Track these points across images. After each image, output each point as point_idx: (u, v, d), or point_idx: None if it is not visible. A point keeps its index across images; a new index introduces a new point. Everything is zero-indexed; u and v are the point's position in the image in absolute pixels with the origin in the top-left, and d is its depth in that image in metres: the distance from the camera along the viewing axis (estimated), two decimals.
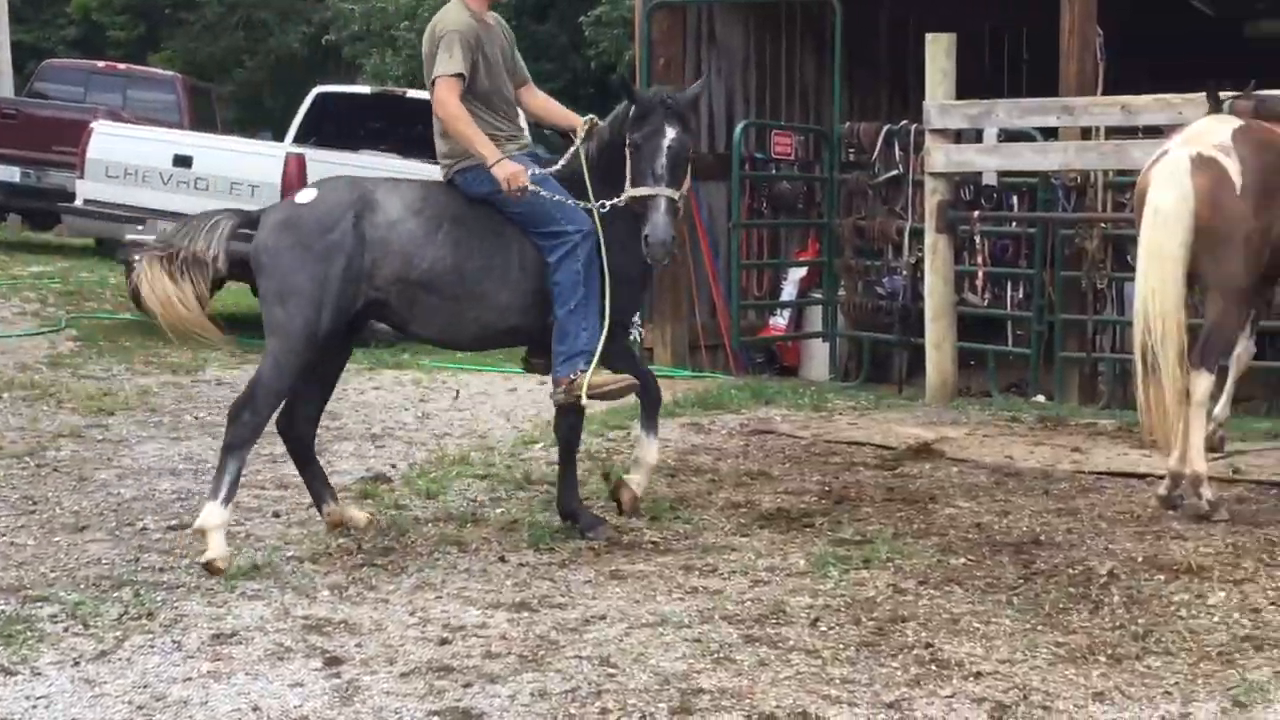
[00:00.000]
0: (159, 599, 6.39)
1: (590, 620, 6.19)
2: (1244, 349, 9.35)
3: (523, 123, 8.37)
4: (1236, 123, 8.46)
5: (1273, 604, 6.35)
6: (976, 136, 13.14)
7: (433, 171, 8.35)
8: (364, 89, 20.68)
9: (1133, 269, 8.77)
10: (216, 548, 6.82)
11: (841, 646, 5.83)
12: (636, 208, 7.42)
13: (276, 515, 7.94)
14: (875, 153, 13.88)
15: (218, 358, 12.91)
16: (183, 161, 15.27)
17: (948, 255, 12.24)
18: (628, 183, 7.47)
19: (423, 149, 17.28)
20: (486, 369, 13.83)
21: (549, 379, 7.77)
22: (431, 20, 8.02)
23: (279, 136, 19.05)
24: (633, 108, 7.56)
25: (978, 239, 12.83)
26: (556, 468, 8.00)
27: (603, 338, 7.48)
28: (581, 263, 7.42)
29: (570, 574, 6.91)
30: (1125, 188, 11.79)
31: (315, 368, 7.42)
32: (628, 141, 7.50)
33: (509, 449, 9.83)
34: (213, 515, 6.88)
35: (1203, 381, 8.10)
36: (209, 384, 12.24)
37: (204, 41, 37.82)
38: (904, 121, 13.97)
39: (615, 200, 7.47)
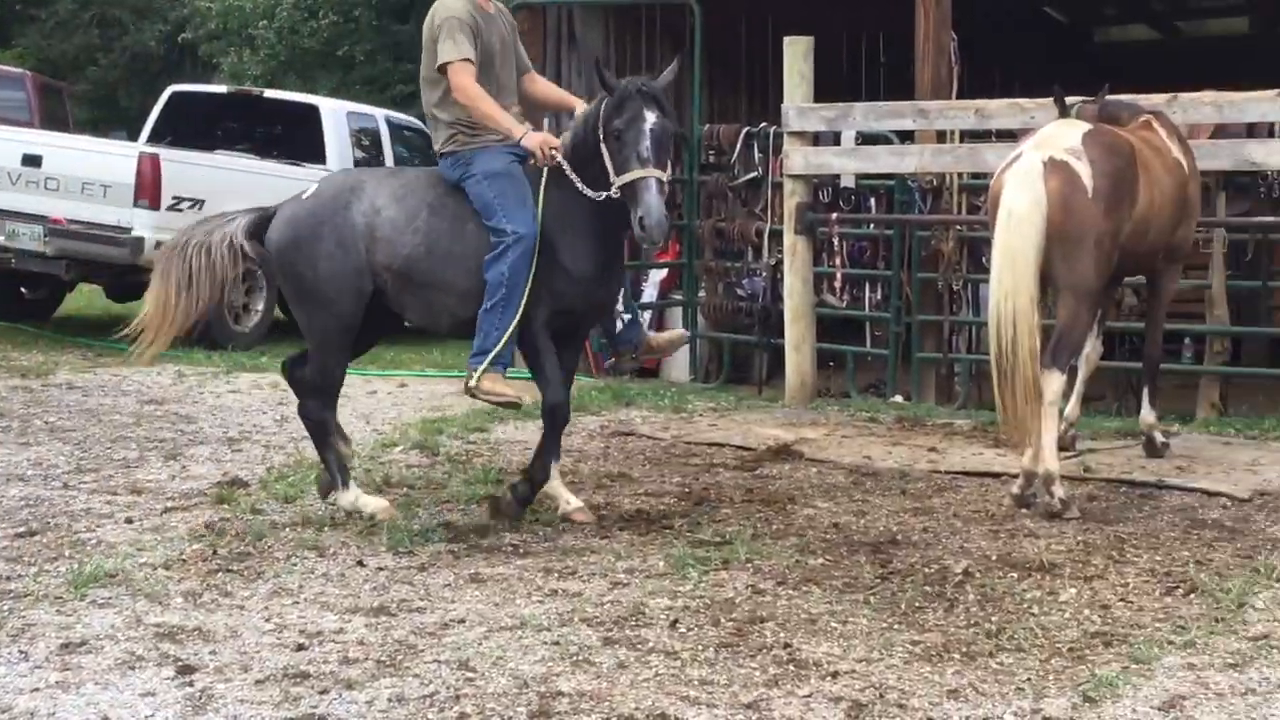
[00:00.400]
0: (5, 608, 6.25)
1: (449, 624, 6.15)
2: (1092, 349, 9.55)
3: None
4: (1086, 127, 8.61)
5: (1122, 600, 6.46)
6: (834, 139, 13.24)
7: (288, 172, 8.38)
8: (220, 88, 20.44)
9: (987, 270, 8.90)
10: (373, 505, 7.83)
11: (700, 647, 5.84)
12: (625, 195, 7.39)
13: (129, 521, 7.81)
14: (735, 155, 13.94)
15: (70, 361, 12.69)
16: (32, 161, 15.00)
17: (806, 257, 12.32)
18: (612, 174, 7.45)
19: (280, 149, 17.22)
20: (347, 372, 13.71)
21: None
22: (431, 9, 8.02)
23: (134, 136, 18.78)
24: (608, 98, 7.54)
25: (836, 241, 12.94)
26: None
27: (503, 340, 7.74)
28: (508, 265, 7.49)
29: (429, 578, 6.86)
30: (979, 190, 11.97)
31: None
32: (607, 132, 7.48)
33: (368, 452, 9.75)
34: (347, 498, 7.82)
35: (1054, 381, 8.23)
36: (59, 388, 12.02)
37: (56, 38, 37.14)
38: (763, 124, 14.06)
39: (609, 192, 7.46)
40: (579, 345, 8.37)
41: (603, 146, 7.51)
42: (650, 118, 7.43)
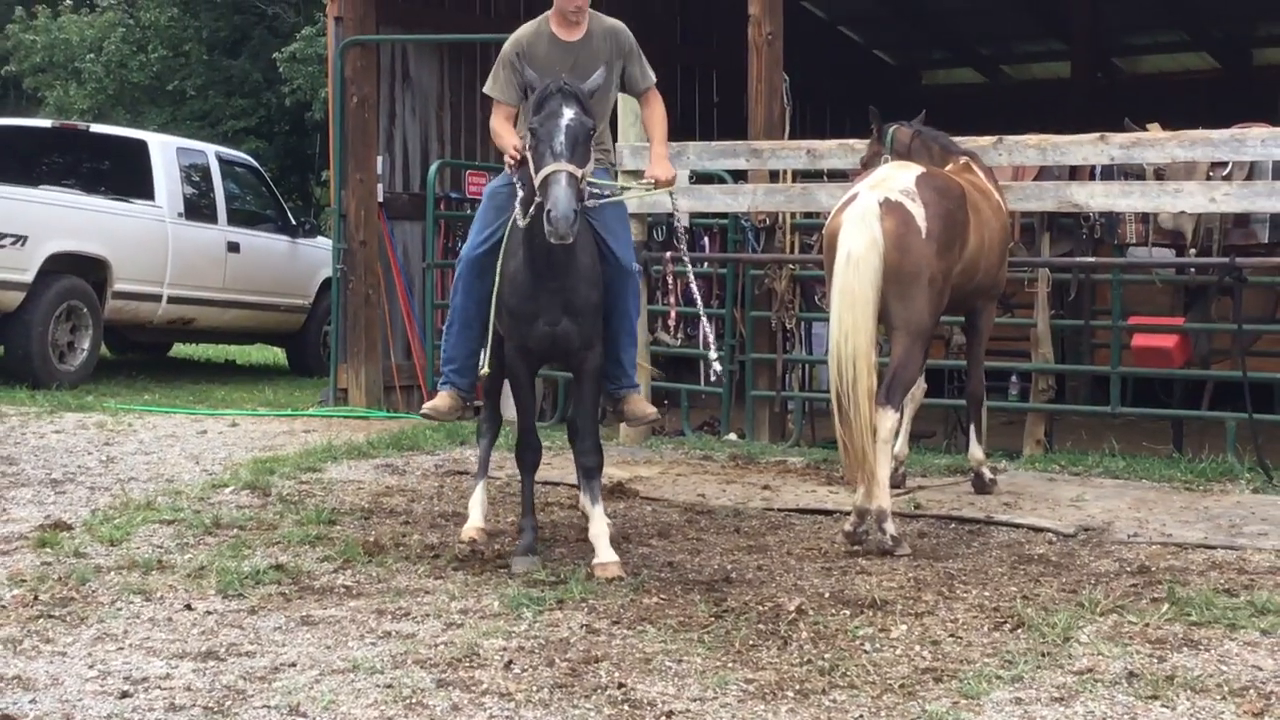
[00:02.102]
0: None
1: (279, 668, 6.05)
2: (917, 386, 9.68)
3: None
4: (919, 169, 8.78)
5: (952, 636, 6.53)
6: None
7: (115, 208, 8.22)
8: (45, 122, 20.04)
9: (820, 309, 8.99)
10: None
11: (535, 688, 5.80)
12: (540, 194, 7.30)
13: None
14: None
15: None
16: None
17: (642, 296, 12.34)
18: (533, 175, 7.39)
19: (107, 184, 16.92)
20: (176, 411, 13.50)
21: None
22: None
23: None
24: (530, 100, 7.54)
25: (670, 279, 12.99)
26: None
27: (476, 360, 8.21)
28: (457, 286, 7.99)
29: (259, 620, 6.75)
30: (812, 229, 12.11)
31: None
32: (529, 132, 7.47)
33: (197, 493, 9.58)
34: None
35: (888, 419, 8.34)
36: None
37: None
38: None
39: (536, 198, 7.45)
40: (585, 388, 8.08)
41: (528, 155, 7.53)
42: (568, 114, 7.38)
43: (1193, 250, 11.83)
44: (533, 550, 7.87)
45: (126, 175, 16.84)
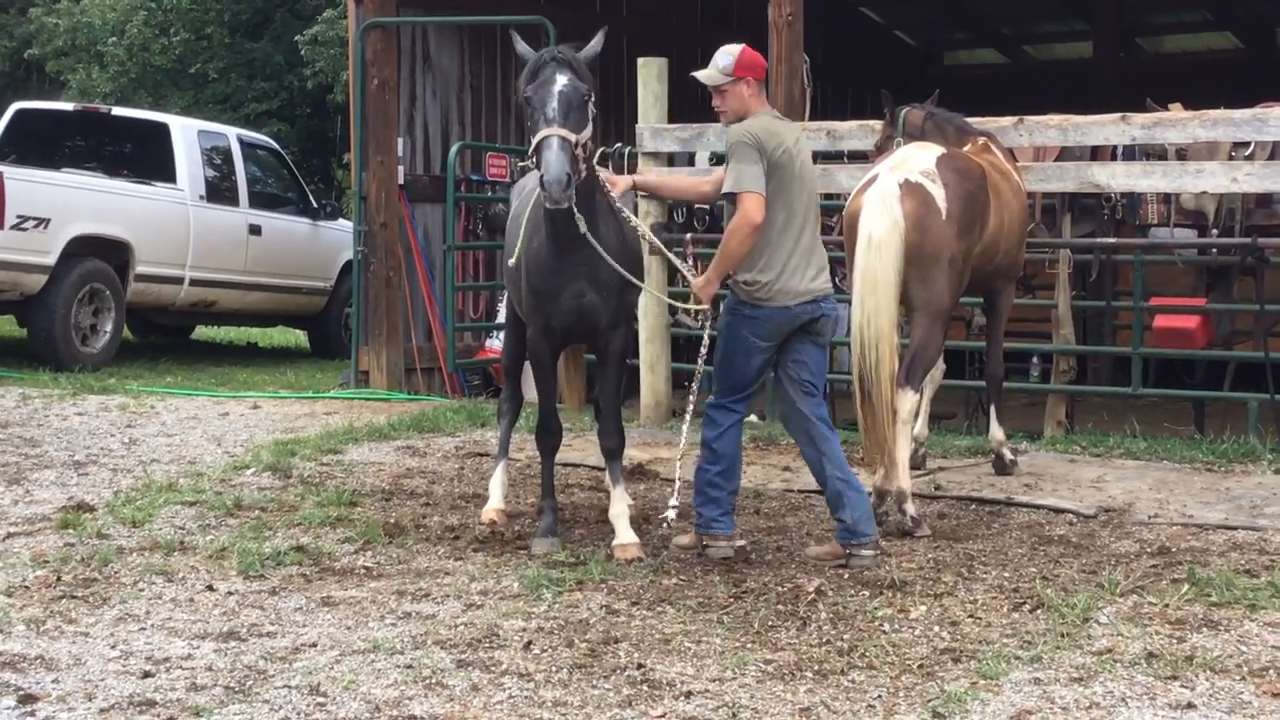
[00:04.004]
0: None
1: (300, 648, 6.08)
2: (937, 368, 9.67)
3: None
4: (940, 150, 8.77)
5: (971, 617, 6.54)
6: (689, 160, 13.31)
7: (137, 190, 8.19)
8: (67, 106, 20.08)
9: (840, 290, 8.99)
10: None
11: (554, 669, 5.82)
12: (535, 158, 7.27)
13: None
14: None
15: None
16: None
17: (661, 277, 12.35)
18: (530, 143, 7.37)
19: (129, 167, 16.96)
20: (198, 394, 13.55)
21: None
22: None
23: None
24: (525, 71, 7.49)
25: (691, 260, 12.98)
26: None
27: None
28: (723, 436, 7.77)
29: (280, 601, 6.78)
30: (833, 211, 12.07)
31: None
32: (523, 101, 7.43)
33: (219, 475, 9.62)
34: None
35: (908, 400, 8.35)
36: None
37: None
38: (618, 144, 14.10)
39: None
40: (609, 370, 8.11)
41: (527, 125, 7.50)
42: (561, 80, 7.35)
43: (1215, 231, 11.80)
44: (553, 532, 7.88)
45: (148, 158, 16.87)
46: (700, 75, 7.68)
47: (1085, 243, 12.12)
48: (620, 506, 7.84)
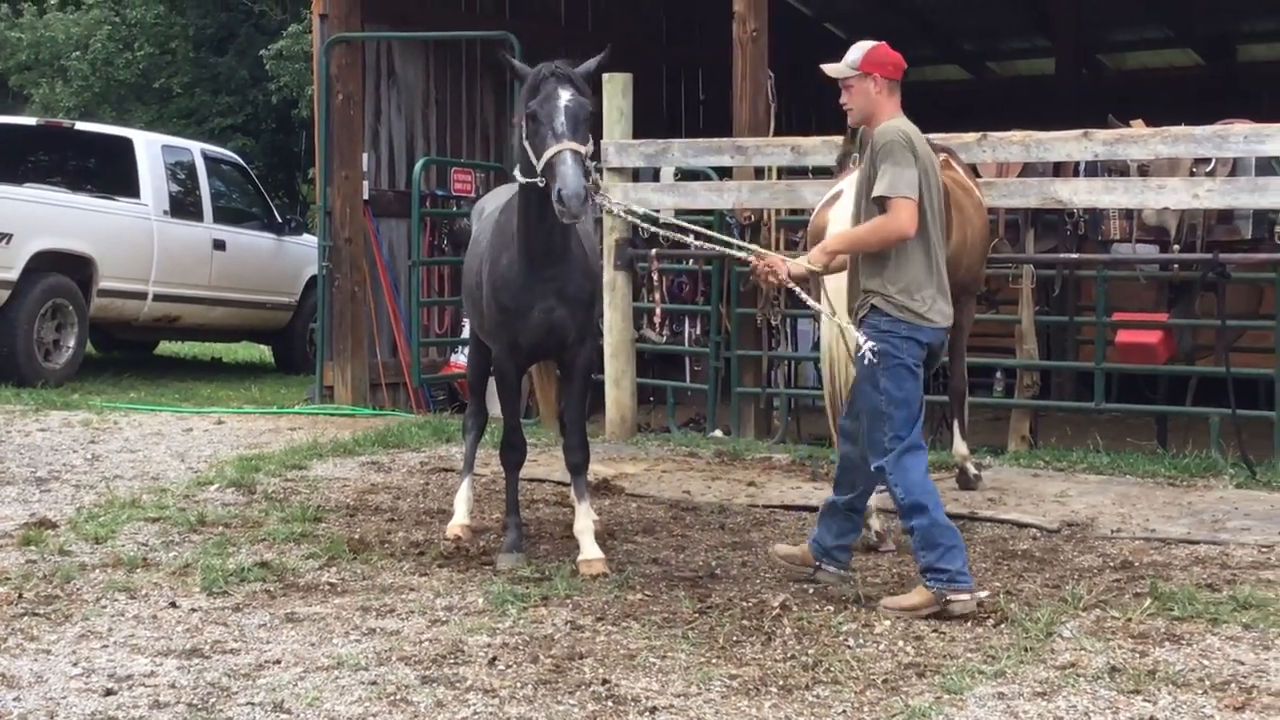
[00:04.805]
0: None
1: (264, 665, 6.06)
2: None
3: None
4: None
5: (935, 631, 6.56)
6: (654, 175, 13.33)
7: (101, 205, 8.16)
8: (30, 120, 19.99)
9: (805, 306, 8.99)
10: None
11: (519, 685, 5.81)
12: (546, 176, 7.24)
13: None
14: None
15: None
16: None
17: (626, 292, 12.38)
18: (534, 160, 7.32)
19: (93, 182, 16.90)
20: (161, 409, 13.50)
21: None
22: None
23: None
24: (524, 87, 7.46)
25: (655, 276, 13.00)
26: None
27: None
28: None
29: (244, 618, 6.76)
30: (797, 226, 12.12)
31: None
32: (526, 117, 7.38)
33: (183, 491, 9.58)
34: None
35: None
36: None
37: None
38: None
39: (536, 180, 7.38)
40: (575, 385, 8.15)
41: (524, 142, 7.45)
42: (565, 95, 7.35)
43: (1176, 246, 11.86)
44: (518, 547, 7.88)
45: (112, 173, 16.81)
46: (828, 68, 7.48)
47: (1048, 258, 12.17)
48: (585, 522, 7.84)
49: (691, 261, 13.59)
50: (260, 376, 18.35)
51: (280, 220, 18.69)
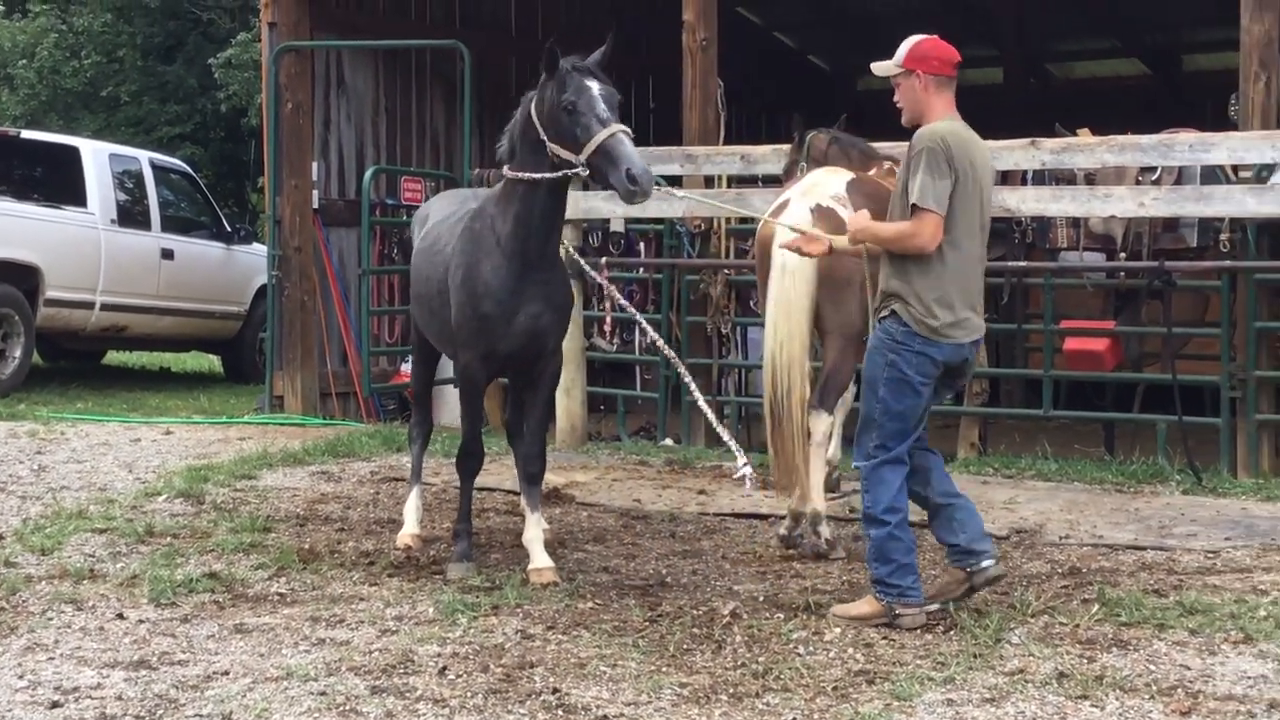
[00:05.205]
0: None
1: (212, 676, 6.04)
2: (848, 391, 9.72)
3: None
4: (849, 175, 8.83)
5: (885, 638, 6.58)
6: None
7: (47, 214, 8.10)
8: None
9: (755, 314, 9.02)
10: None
11: (469, 694, 5.81)
12: (597, 161, 7.23)
13: None
14: None
15: None
16: None
17: (576, 301, 12.35)
18: (578, 149, 7.30)
19: (39, 191, 16.78)
20: (109, 419, 13.42)
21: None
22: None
23: None
24: (546, 81, 7.48)
25: (606, 285, 12.99)
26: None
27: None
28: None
29: (192, 629, 6.73)
30: (747, 234, 12.14)
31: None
32: (557, 109, 7.37)
33: (130, 501, 9.52)
34: None
35: (822, 422, 8.39)
36: None
37: None
38: None
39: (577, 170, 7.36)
40: (541, 394, 8.09)
41: (543, 132, 7.44)
42: (596, 84, 7.40)
43: (1123, 254, 11.93)
44: (468, 556, 7.86)
45: (59, 182, 16.69)
46: (876, 67, 7.37)
47: (996, 266, 12.21)
48: (535, 531, 7.83)
49: (641, 270, 13.61)
50: (209, 386, 18.26)
51: (229, 229, 18.61)
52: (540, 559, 7.69)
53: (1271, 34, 10.68)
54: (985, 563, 6.88)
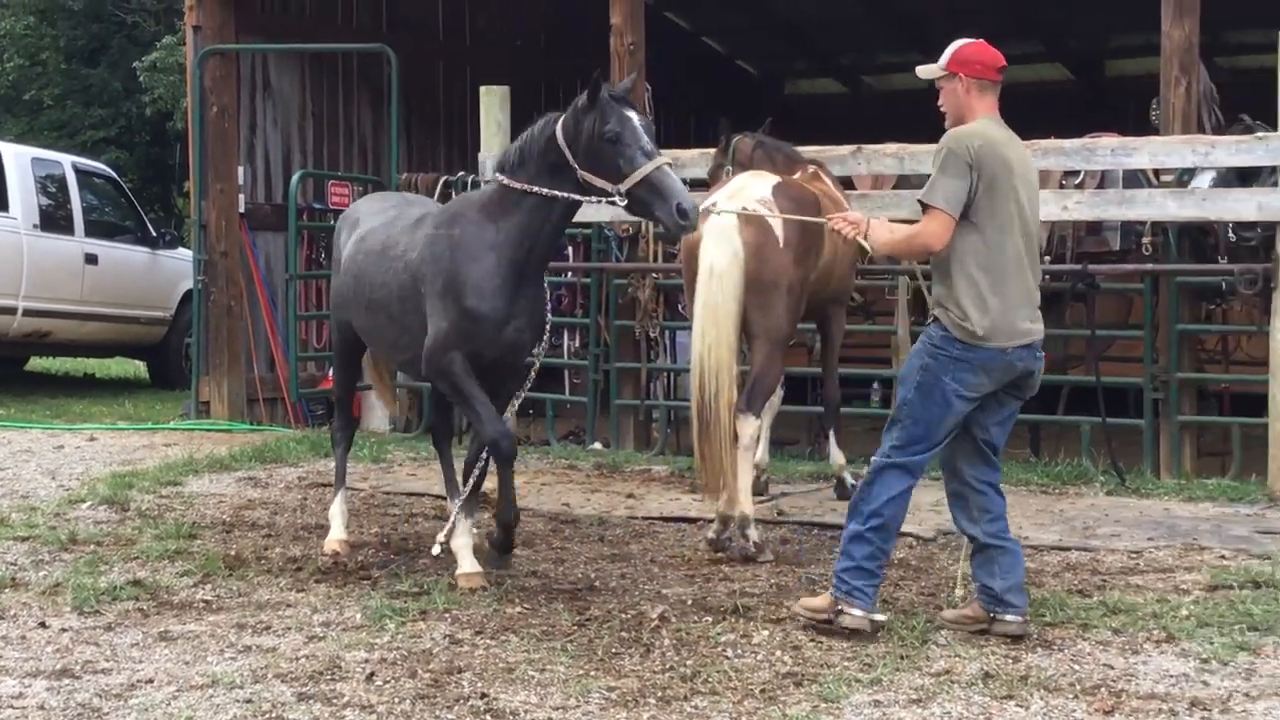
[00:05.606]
0: None
1: (136, 685, 5.99)
2: (775, 395, 9.77)
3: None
4: (775, 179, 8.86)
5: (812, 641, 6.60)
6: None
7: None
8: None
9: (684, 318, 9.04)
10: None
11: (397, 700, 5.78)
12: (641, 191, 7.19)
13: None
14: None
15: None
16: None
17: None
18: (618, 179, 7.25)
19: None
20: (32, 426, 13.29)
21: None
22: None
23: None
24: (586, 107, 7.40)
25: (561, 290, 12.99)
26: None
27: None
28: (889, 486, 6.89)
29: (116, 637, 6.67)
30: (674, 239, 12.13)
31: None
32: (600, 139, 7.29)
33: (53, 509, 9.44)
34: None
35: (749, 426, 8.41)
36: None
37: None
38: (461, 173, 14.09)
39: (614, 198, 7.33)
40: (503, 401, 8.04)
41: (573, 158, 7.38)
42: (636, 115, 7.38)
43: (1047, 258, 12.01)
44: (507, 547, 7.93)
45: None
46: (921, 70, 7.32)
47: (924, 269, 12.29)
48: (465, 537, 7.81)
49: (570, 274, 13.60)
50: (135, 392, 18.11)
51: (154, 234, 18.48)
52: (468, 564, 7.68)
53: (1191, 39, 10.81)
54: (1010, 616, 6.64)
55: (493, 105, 12.41)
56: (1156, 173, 11.01)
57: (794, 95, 25.91)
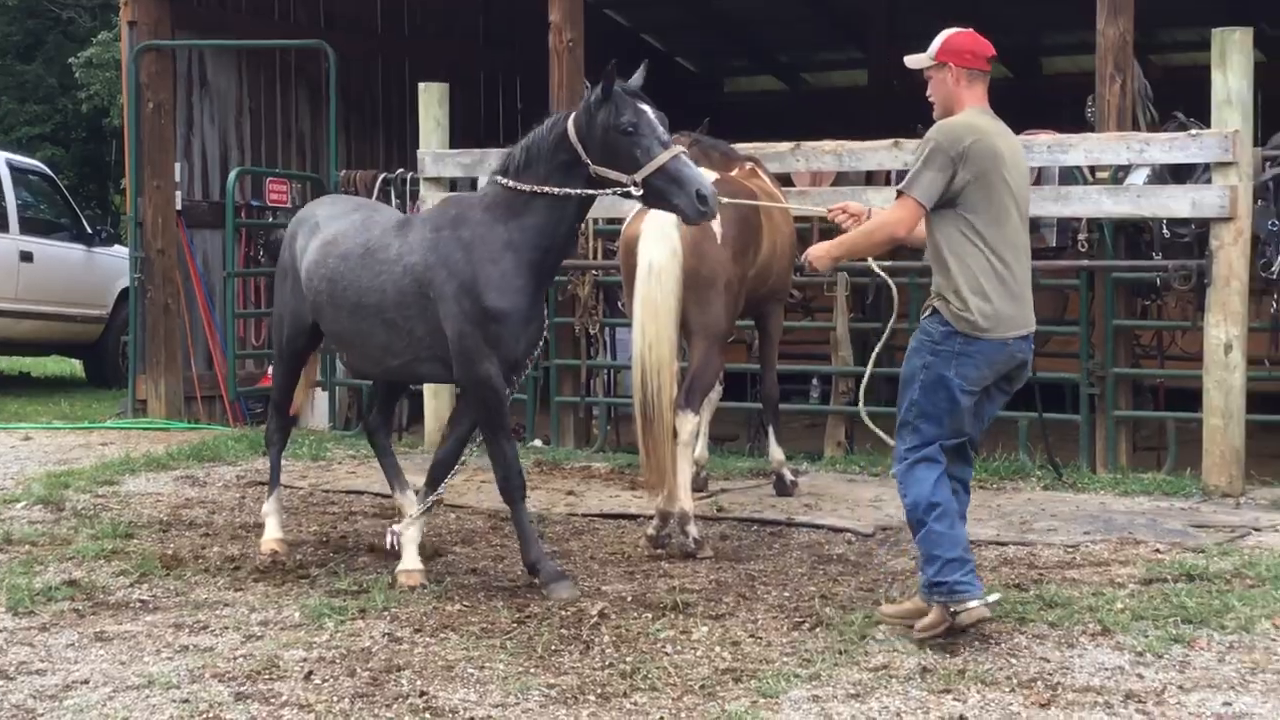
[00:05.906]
0: None
1: (71, 685, 5.95)
2: (714, 391, 9.79)
3: None
4: (713, 176, 8.86)
5: (752, 636, 6.62)
6: (472, 185, 13.28)
7: None
8: None
9: (622, 314, 9.04)
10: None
11: (336, 699, 5.76)
12: (658, 180, 7.21)
13: None
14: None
15: None
16: None
17: None
18: (634, 169, 7.26)
19: None
20: None
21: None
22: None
23: None
24: (598, 101, 7.36)
25: None
26: None
27: None
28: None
29: (51, 638, 6.62)
30: (615, 235, 12.14)
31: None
32: (615, 130, 7.30)
33: None
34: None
35: (688, 422, 8.43)
36: None
37: None
38: (400, 170, 14.05)
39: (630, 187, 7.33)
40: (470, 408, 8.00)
41: (585, 153, 7.36)
42: (649, 108, 7.40)
43: None
44: (562, 574, 7.56)
45: None
46: (909, 60, 7.28)
47: (861, 265, 12.33)
48: (414, 532, 7.79)
49: None
50: (71, 391, 17.97)
51: (90, 231, 18.35)
52: (409, 560, 7.66)
53: (1126, 37, 10.88)
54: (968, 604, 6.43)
55: (431, 102, 12.37)
56: (1092, 170, 11.07)
57: (734, 93, 25.97)
